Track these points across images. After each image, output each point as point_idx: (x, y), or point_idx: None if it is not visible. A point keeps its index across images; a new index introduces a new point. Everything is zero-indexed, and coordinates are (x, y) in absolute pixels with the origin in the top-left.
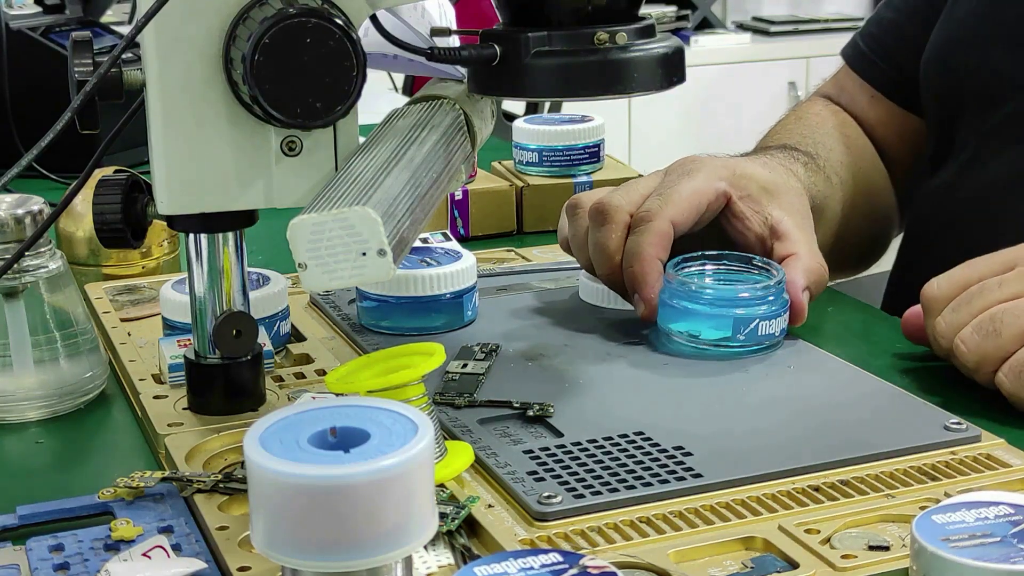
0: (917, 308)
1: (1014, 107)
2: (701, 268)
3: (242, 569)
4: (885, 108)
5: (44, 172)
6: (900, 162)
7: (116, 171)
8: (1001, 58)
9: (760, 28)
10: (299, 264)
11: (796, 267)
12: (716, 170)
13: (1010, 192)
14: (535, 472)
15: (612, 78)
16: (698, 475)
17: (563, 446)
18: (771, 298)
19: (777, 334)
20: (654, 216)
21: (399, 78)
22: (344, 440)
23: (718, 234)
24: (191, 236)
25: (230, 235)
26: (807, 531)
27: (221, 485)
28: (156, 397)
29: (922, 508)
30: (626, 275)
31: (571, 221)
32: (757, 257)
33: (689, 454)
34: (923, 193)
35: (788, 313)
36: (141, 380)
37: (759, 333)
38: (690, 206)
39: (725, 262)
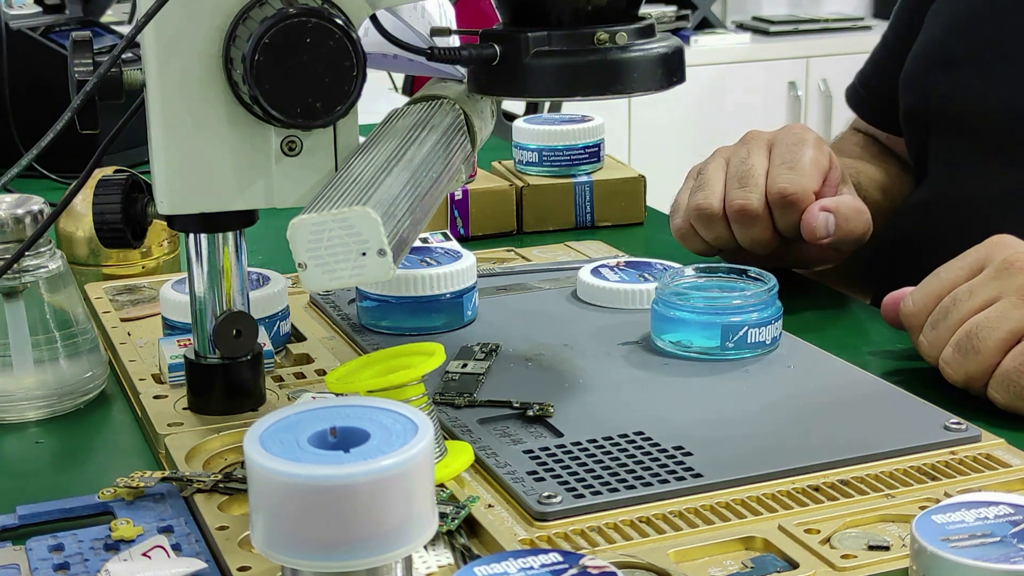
0: (896, 294)
1: (982, 126)
2: (694, 279)
3: (242, 569)
4: (893, 140)
5: (44, 172)
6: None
7: (116, 171)
8: (969, 78)
9: (760, 28)
10: (299, 264)
11: (829, 196)
12: (819, 141)
13: (983, 210)
14: (535, 472)
15: (612, 78)
16: (698, 475)
17: (563, 446)
18: (762, 305)
19: (768, 343)
20: (800, 199)
21: (399, 78)
22: (344, 440)
23: None
24: (191, 236)
25: (230, 235)
26: (807, 531)
27: (221, 485)
28: (156, 397)
29: (922, 508)
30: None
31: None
32: (752, 269)
33: (689, 454)
34: (901, 211)
35: (780, 321)
36: (141, 380)
37: (748, 341)
38: (820, 178)
39: (719, 274)
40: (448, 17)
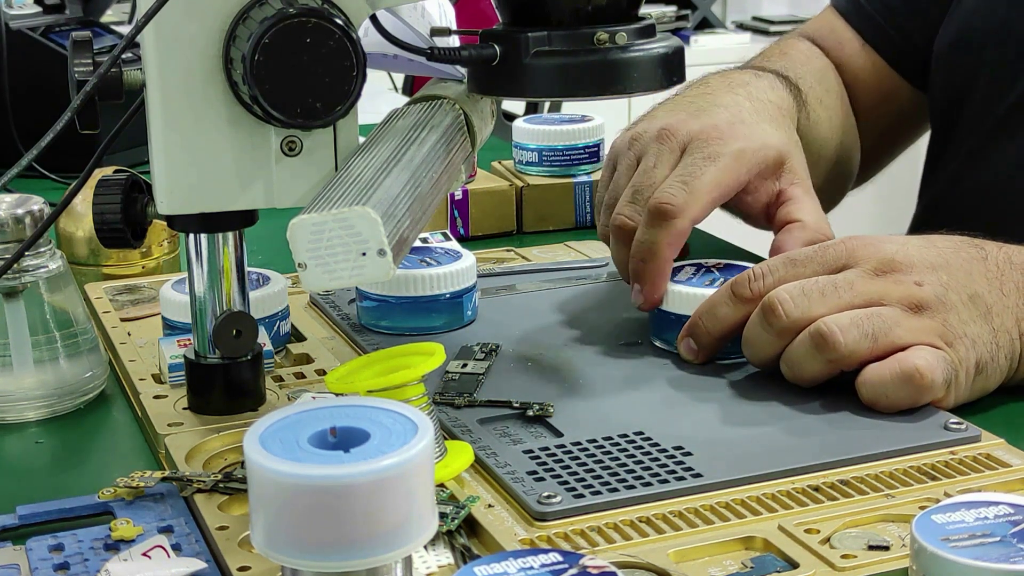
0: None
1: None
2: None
3: (242, 569)
4: (872, 61)
5: (44, 172)
6: (873, 117)
7: (116, 171)
8: (1019, 44)
9: (760, 28)
10: (299, 264)
11: (793, 234)
12: (740, 155)
13: (1019, 180)
14: (535, 472)
15: (612, 78)
16: (698, 475)
17: (563, 446)
18: None
19: None
20: (678, 213)
21: (399, 78)
22: (344, 440)
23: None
24: (191, 236)
25: (230, 235)
26: (807, 531)
27: (221, 485)
28: (156, 397)
29: (922, 508)
30: (633, 265)
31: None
32: None
33: (689, 454)
34: (931, 185)
35: None
36: (141, 380)
37: None
38: (712, 201)
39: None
40: (448, 17)
